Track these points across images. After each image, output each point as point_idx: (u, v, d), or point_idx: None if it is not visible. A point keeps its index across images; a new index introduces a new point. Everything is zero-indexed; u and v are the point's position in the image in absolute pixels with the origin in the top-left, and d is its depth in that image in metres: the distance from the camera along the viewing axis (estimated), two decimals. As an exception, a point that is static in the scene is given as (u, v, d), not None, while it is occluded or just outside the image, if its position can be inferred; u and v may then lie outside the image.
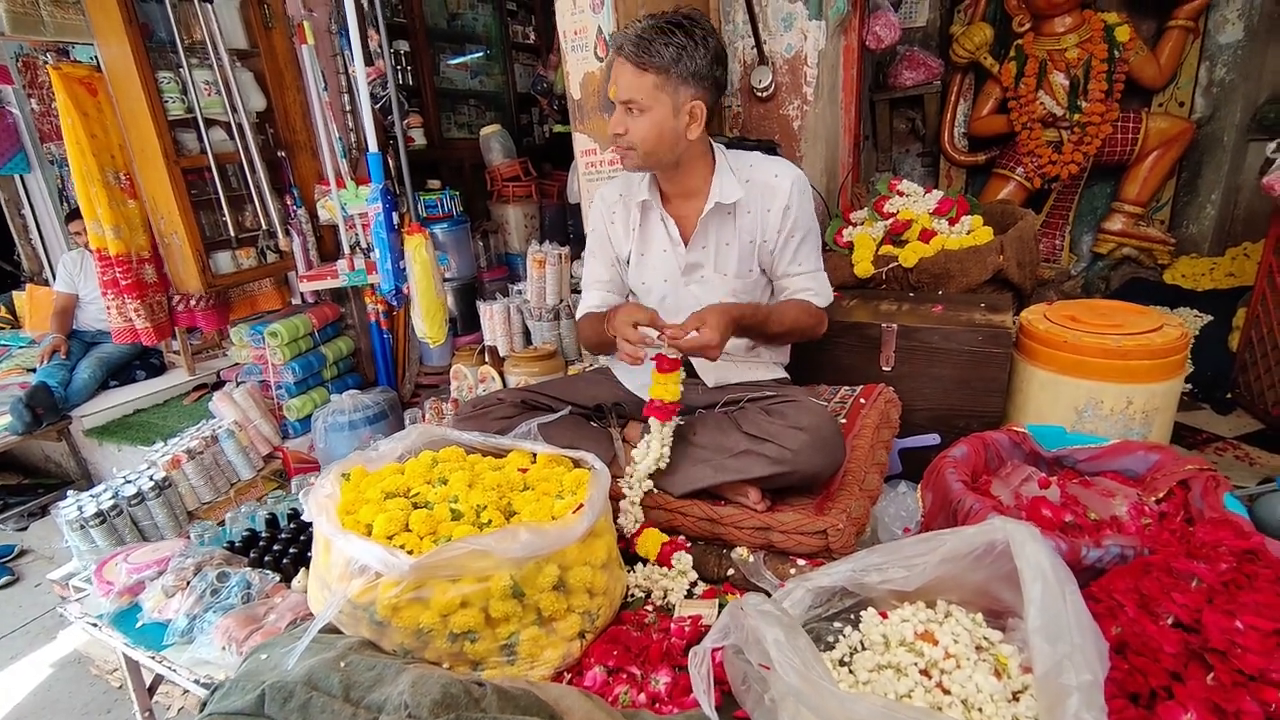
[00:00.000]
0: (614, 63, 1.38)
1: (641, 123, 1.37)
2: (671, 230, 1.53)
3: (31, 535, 3.06)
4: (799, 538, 1.28)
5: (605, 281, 1.67)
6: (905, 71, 3.57)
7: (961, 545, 0.97)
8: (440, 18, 3.82)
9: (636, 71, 1.33)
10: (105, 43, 2.41)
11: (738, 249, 1.50)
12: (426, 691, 0.84)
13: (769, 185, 1.48)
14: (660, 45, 1.31)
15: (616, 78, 1.37)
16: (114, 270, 2.57)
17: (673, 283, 1.56)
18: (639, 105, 1.36)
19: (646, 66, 1.32)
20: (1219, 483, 1.22)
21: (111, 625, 1.48)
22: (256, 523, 1.83)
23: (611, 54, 1.42)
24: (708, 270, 1.53)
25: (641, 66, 1.33)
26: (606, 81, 1.73)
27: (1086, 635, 0.79)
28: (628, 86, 1.35)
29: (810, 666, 0.79)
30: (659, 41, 1.31)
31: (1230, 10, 3.09)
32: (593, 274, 1.68)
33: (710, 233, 1.50)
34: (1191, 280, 3.25)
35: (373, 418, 2.69)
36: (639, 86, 1.34)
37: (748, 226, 1.49)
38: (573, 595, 1.09)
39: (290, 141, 2.86)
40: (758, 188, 1.48)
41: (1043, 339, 1.68)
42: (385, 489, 1.21)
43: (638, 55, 1.32)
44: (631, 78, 1.34)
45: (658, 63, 1.32)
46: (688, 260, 1.53)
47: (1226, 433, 2.47)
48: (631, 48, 1.32)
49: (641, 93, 1.34)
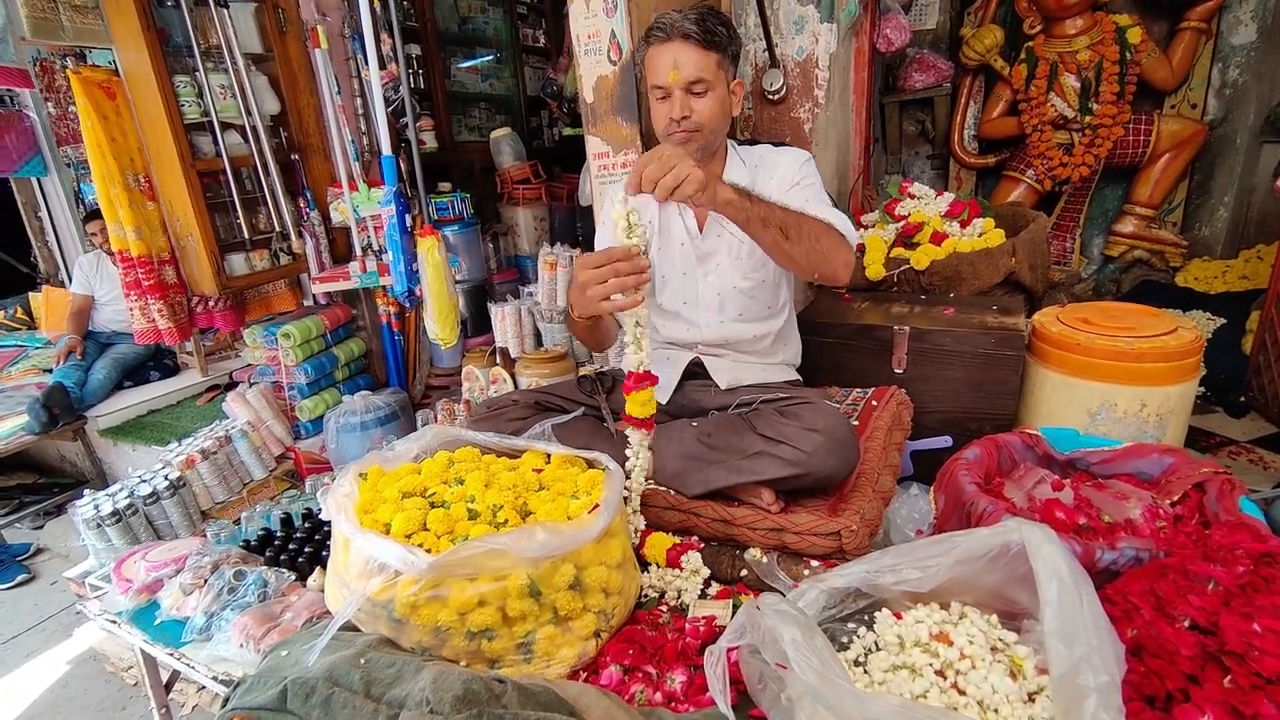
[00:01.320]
0: (665, 47, 1.38)
1: (707, 102, 1.40)
2: (689, 221, 1.56)
3: (47, 534, 3.09)
4: (812, 539, 1.28)
5: None
6: (915, 74, 3.57)
7: (976, 546, 0.98)
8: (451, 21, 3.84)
9: (703, 51, 1.36)
10: (123, 47, 2.44)
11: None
12: (448, 688, 0.85)
13: (775, 162, 1.53)
14: (717, 25, 1.37)
15: (678, 60, 1.37)
16: (136, 271, 2.60)
17: (690, 274, 1.57)
18: (707, 84, 1.38)
19: (711, 46, 1.37)
20: (1234, 486, 1.22)
21: (130, 622, 1.50)
22: (271, 522, 1.85)
23: (655, 40, 1.40)
24: (722, 257, 1.55)
25: (708, 45, 1.36)
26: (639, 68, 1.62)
27: (1103, 637, 0.80)
28: (696, 66, 1.37)
29: (828, 666, 0.80)
30: (714, 22, 1.37)
31: (1243, 11, 3.08)
32: None
33: (724, 219, 1.51)
34: (1204, 283, 3.24)
35: (384, 419, 2.71)
36: (706, 65, 1.37)
37: None
38: (588, 595, 1.10)
39: (304, 145, 2.88)
40: (766, 169, 1.53)
41: (1055, 341, 1.68)
42: (402, 488, 1.22)
43: (704, 35, 1.36)
44: (698, 57, 1.36)
45: (719, 42, 1.37)
46: (703, 249, 1.55)
47: (1240, 436, 2.46)
48: (696, 28, 1.35)
49: (709, 71, 1.38)
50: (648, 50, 1.43)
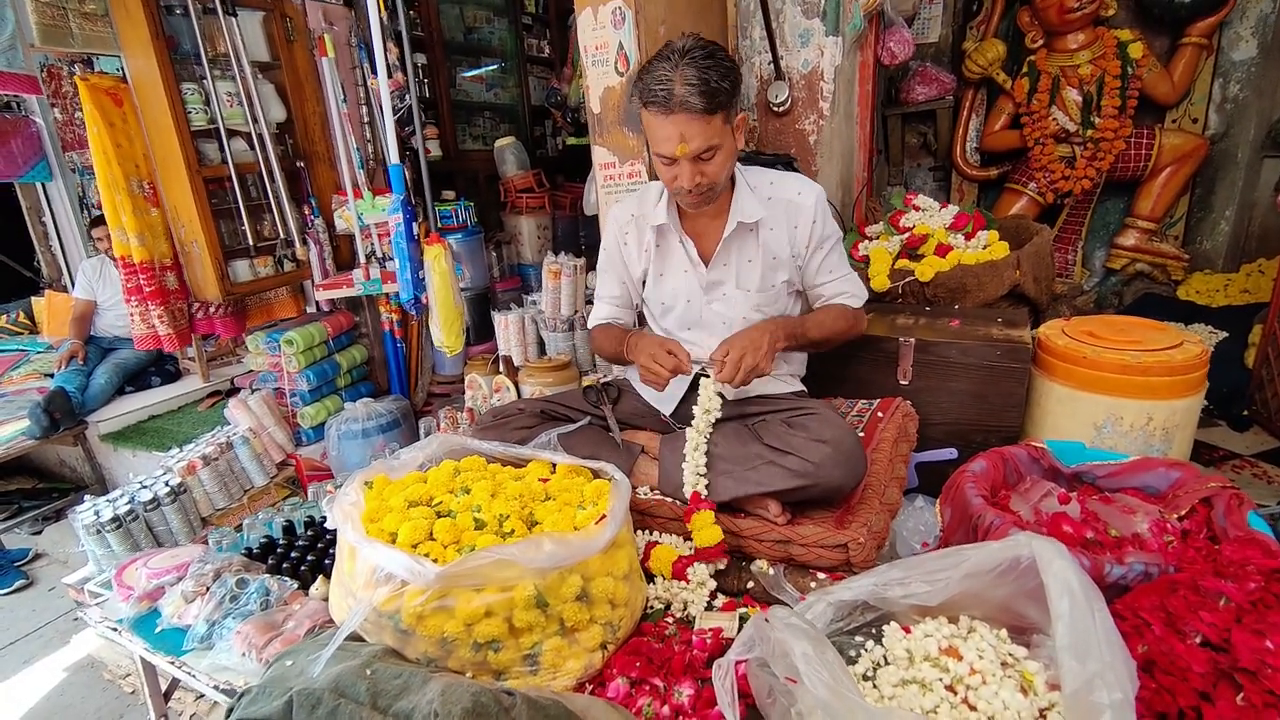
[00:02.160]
0: (668, 120, 1.29)
1: (718, 161, 1.35)
2: (691, 251, 1.54)
3: (46, 539, 3.08)
4: (819, 551, 1.28)
5: (616, 297, 1.69)
6: (918, 87, 3.60)
7: (985, 560, 0.97)
8: (457, 31, 3.87)
9: (706, 119, 1.28)
10: (132, 55, 2.45)
11: (761, 265, 1.51)
12: (457, 700, 0.84)
13: (793, 203, 1.50)
14: (716, 81, 1.27)
15: (684, 134, 1.29)
16: (138, 277, 2.60)
17: (695, 302, 1.57)
18: (715, 148, 1.32)
19: (715, 110, 1.29)
20: (1242, 500, 1.21)
21: (131, 630, 1.49)
22: (274, 530, 1.84)
23: (655, 109, 1.30)
24: (729, 287, 1.54)
25: (711, 112, 1.28)
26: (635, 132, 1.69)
27: (1116, 653, 0.79)
28: (704, 136, 1.30)
29: (839, 680, 0.79)
30: (714, 79, 1.26)
31: (1244, 27, 3.10)
32: (605, 289, 1.70)
33: (732, 251, 1.51)
34: (1206, 296, 3.24)
35: (385, 426, 2.70)
36: (712, 131, 1.30)
37: (772, 242, 1.50)
38: (595, 606, 1.09)
39: (309, 152, 2.89)
40: (780, 205, 1.50)
41: (1061, 354, 1.68)
42: (408, 497, 1.22)
43: (707, 103, 1.27)
44: (704, 126, 1.29)
45: (721, 100, 1.29)
46: (709, 279, 1.54)
47: (1243, 450, 2.46)
48: (698, 99, 1.26)
49: (716, 136, 1.31)
50: (649, 115, 1.33)
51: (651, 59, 1.33)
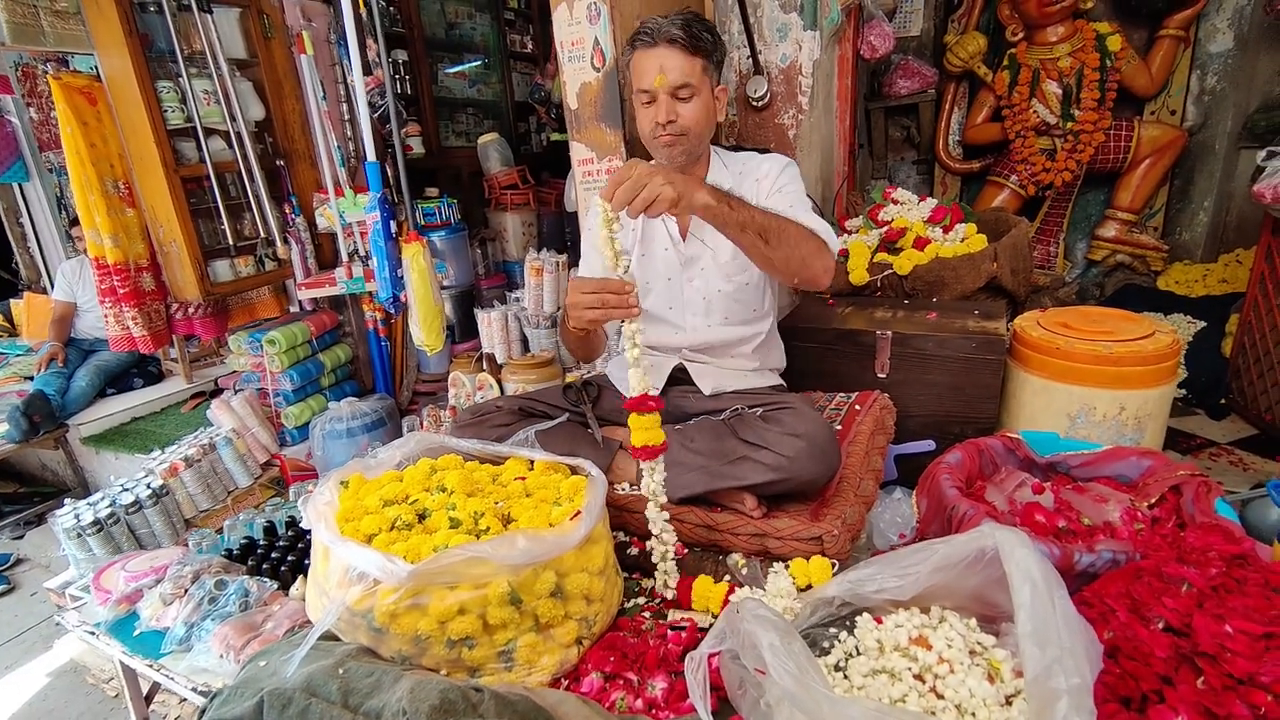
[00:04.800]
0: (651, 52, 1.39)
1: (693, 106, 1.41)
2: (672, 228, 1.56)
3: (27, 544, 3.05)
4: (795, 544, 1.28)
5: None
6: (900, 80, 3.61)
7: (954, 553, 0.98)
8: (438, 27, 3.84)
9: (688, 56, 1.37)
10: (106, 53, 2.42)
11: None
12: (425, 697, 0.85)
13: (759, 169, 1.55)
14: (702, 30, 1.38)
15: (664, 65, 1.38)
16: (112, 279, 2.58)
17: (675, 279, 1.58)
18: (693, 88, 1.39)
19: (697, 51, 1.38)
20: (1210, 488, 1.23)
21: (109, 634, 1.48)
22: (254, 530, 1.83)
23: (641, 45, 1.40)
24: (706, 260, 1.56)
25: (693, 51, 1.37)
26: (623, 74, 1.67)
27: (1076, 638, 0.80)
28: (681, 71, 1.37)
29: (805, 671, 0.80)
30: (700, 28, 1.38)
31: (1220, 20, 3.12)
32: (586, 274, 1.70)
33: (706, 225, 1.51)
34: (1185, 287, 3.28)
35: (370, 425, 2.70)
36: (692, 70, 1.38)
37: None
38: (570, 602, 1.10)
39: (289, 150, 2.87)
40: (749, 177, 1.54)
41: (1035, 346, 1.70)
42: (384, 496, 1.22)
43: (690, 40, 1.36)
44: (684, 62, 1.37)
45: (704, 47, 1.38)
46: (687, 254, 1.56)
47: (1221, 438, 2.49)
48: (681, 33, 1.36)
49: (694, 76, 1.39)
50: (633, 55, 1.43)
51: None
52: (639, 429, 1.21)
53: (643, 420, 1.21)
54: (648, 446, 1.21)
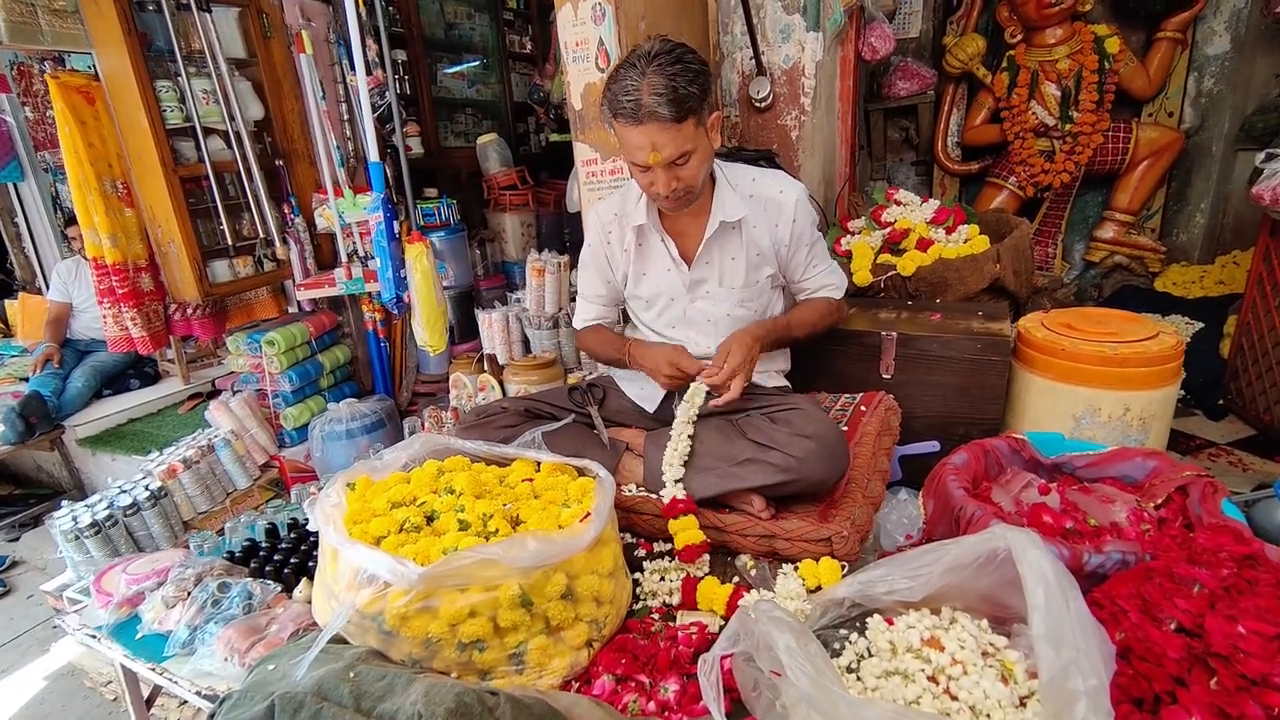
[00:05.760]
0: (638, 130, 1.28)
1: (692, 165, 1.35)
2: (672, 249, 1.54)
3: (23, 546, 3.02)
4: (803, 545, 1.28)
5: (601, 296, 1.69)
6: (899, 82, 3.61)
7: (965, 554, 0.98)
8: (438, 27, 3.83)
9: (676, 126, 1.28)
10: (104, 52, 2.40)
11: (745, 262, 1.52)
12: (440, 701, 0.84)
13: (775, 201, 1.50)
14: (684, 88, 1.26)
15: (656, 143, 1.29)
16: (110, 279, 2.56)
17: (679, 300, 1.57)
18: (689, 153, 1.32)
19: (684, 116, 1.28)
20: (1216, 489, 1.24)
21: (111, 637, 1.47)
22: (256, 532, 1.82)
23: (624, 119, 1.29)
24: (712, 285, 1.54)
25: (682, 119, 1.27)
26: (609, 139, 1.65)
27: (1091, 639, 0.80)
28: (675, 144, 1.29)
29: (822, 673, 0.80)
30: (681, 85, 1.25)
31: (1218, 22, 3.14)
32: (589, 287, 1.70)
33: (715, 250, 1.51)
34: (1182, 288, 3.29)
35: (370, 426, 2.68)
36: (684, 137, 1.30)
37: (754, 239, 1.50)
38: (580, 604, 1.09)
39: (288, 150, 2.86)
40: (761, 203, 1.50)
41: (1040, 347, 1.70)
42: (391, 498, 1.21)
43: (676, 112, 1.26)
44: (675, 135, 1.28)
45: (691, 106, 1.28)
46: (692, 277, 1.54)
47: (1219, 439, 2.50)
48: (667, 108, 1.25)
49: (689, 141, 1.31)
50: (619, 124, 1.32)
51: (618, 66, 1.31)
52: (679, 532, 1.30)
53: (680, 523, 1.29)
54: (689, 547, 1.29)
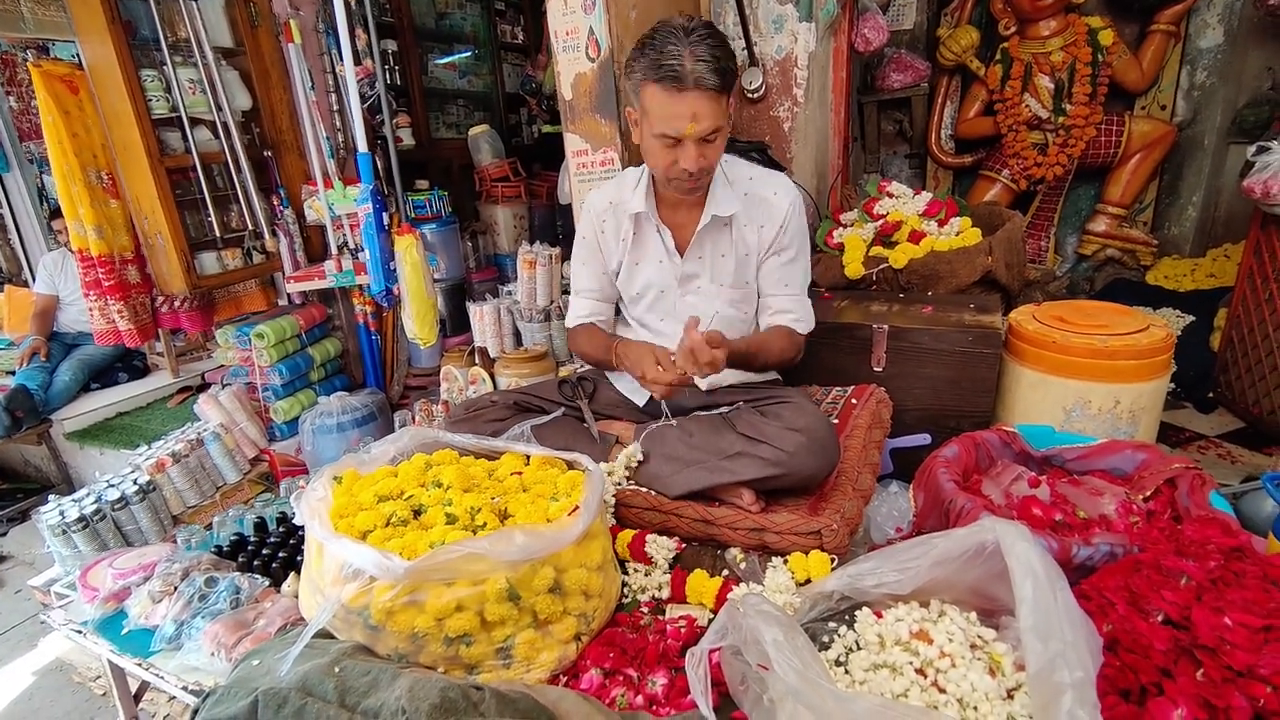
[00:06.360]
0: (683, 98, 1.23)
1: (718, 144, 1.32)
2: (667, 240, 1.52)
3: (11, 540, 3.00)
4: (793, 538, 1.28)
5: (595, 291, 1.64)
6: (893, 74, 3.60)
7: (953, 547, 0.98)
8: (428, 17, 3.80)
9: (717, 98, 1.25)
10: (87, 40, 2.37)
11: (734, 260, 1.50)
12: (424, 696, 0.83)
13: (768, 202, 1.47)
14: (725, 61, 1.24)
15: (697, 113, 1.24)
16: (96, 271, 2.54)
17: (669, 292, 1.55)
18: (720, 130, 1.29)
19: (725, 89, 1.25)
20: (1205, 481, 1.24)
21: (96, 632, 1.45)
22: (244, 526, 1.80)
23: (668, 85, 1.23)
24: (704, 281, 1.53)
25: (721, 91, 1.25)
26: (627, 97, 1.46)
27: (1078, 632, 0.80)
28: (714, 117, 1.26)
29: (809, 666, 0.80)
30: (723, 58, 1.23)
31: (1211, 15, 3.14)
32: (582, 282, 1.65)
33: (706, 244, 1.50)
34: (1174, 281, 3.30)
35: (361, 419, 2.67)
36: (720, 112, 1.27)
37: (743, 237, 1.49)
38: (568, 598, 1.09)
39: (277, 141, 2.83)
40: (755, 202, 1.47)
41: (1031, 339, 1.70)
42: (378, 492, 1.20)
43: (720, 81, 1.23)
44: (716, 106, 1.25)
45: (729, 81, 1.25)
46: (684, 271, 1.52)
47: (1209, 431, 2.51)
48: (715, 78, 1.22)
49: (723, 117, 1.28)
50: (657, 91, 1.24)
51: (652, 35, 1.27)
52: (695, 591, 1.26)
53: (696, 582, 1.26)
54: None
